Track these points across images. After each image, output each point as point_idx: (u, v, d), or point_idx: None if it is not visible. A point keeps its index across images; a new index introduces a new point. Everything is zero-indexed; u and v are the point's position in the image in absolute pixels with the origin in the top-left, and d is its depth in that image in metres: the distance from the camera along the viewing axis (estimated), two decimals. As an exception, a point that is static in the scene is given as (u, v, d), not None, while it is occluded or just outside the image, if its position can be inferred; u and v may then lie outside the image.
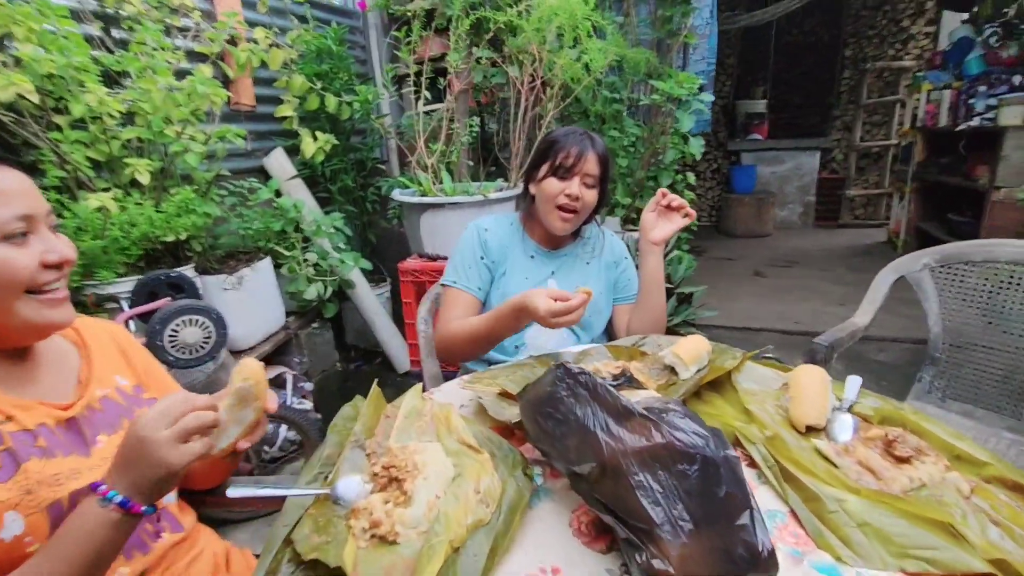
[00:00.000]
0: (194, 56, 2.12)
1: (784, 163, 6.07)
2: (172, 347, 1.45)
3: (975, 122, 3.59)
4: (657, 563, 0.58)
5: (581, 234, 1.44)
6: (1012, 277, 1.49)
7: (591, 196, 1.27)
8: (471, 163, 2.21)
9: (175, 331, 1.44)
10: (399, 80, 2.75)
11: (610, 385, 0.86)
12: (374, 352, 3.15)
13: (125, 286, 1.67)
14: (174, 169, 1.82)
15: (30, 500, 0.66)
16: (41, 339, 0.75)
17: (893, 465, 0.74)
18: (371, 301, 2.91)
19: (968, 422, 1.53)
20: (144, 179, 1.58)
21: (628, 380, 0.87)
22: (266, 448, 2.19)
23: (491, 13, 1.70)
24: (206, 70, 1.87)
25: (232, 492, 0.69)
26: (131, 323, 1.64)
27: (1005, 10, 3.30)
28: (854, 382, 0.94)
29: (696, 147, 2.29)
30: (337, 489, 0.73)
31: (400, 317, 2.70)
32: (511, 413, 0.88)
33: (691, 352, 0.99)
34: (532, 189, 1.32)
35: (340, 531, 0.67)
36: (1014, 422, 1.47)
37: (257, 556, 0.79)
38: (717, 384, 0.97)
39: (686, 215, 1.31)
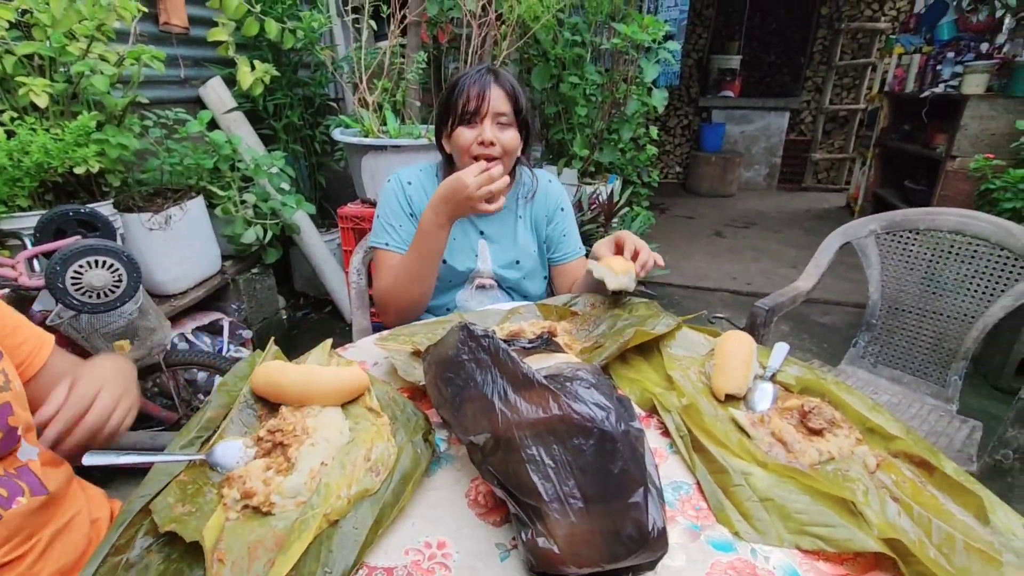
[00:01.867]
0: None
1: (753, 123, 6.02)
2: (76, 290, 1.33)
3: (940, 89, 3.58)
4: (542, 541, 0.54)
5: (512, 180, 1.33)
6: (952, 246, 1.49)
7: (509, 136, 1.14)
8: (417, 104, 2.07)
9: (78, 273, 1.32)
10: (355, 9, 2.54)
11: (526, 347, 0.82)
12: (324, 301, 3.05)
13: (27, 221, 1.53)
14: (84, 94, 1.64)
15: None
16: None
17: (805, 437, 0.72)
18: (319, 247, 2.79)
19: (896, 387, 1.56)
20: (41, 101, 1.41)
21: (546, 342, 0.82)
22: (200, 396, 2.11)
23: (437, -66, 1.54)
24: (117, -20, 1.66)
25: (88, 459, 0.61)
26: (35, 262, 1.50)
27: (980, -27, 3.23)
28: (780, 350, 0.92)
29: (659, 99, 2.20)
30: (214, 454, 0.66)
31: (348, 265, 2.59)
32: (421, 374, 0.82)
33: (622, 264, 0.99)
34: (446, 146, 1.19)
35: (209, 501, 0.61)
36: (938, 388, 1.50)
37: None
38: (644, 348, 0.94)
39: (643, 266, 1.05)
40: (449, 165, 1.25)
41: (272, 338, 0.89)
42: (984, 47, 3.46)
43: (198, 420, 0.72)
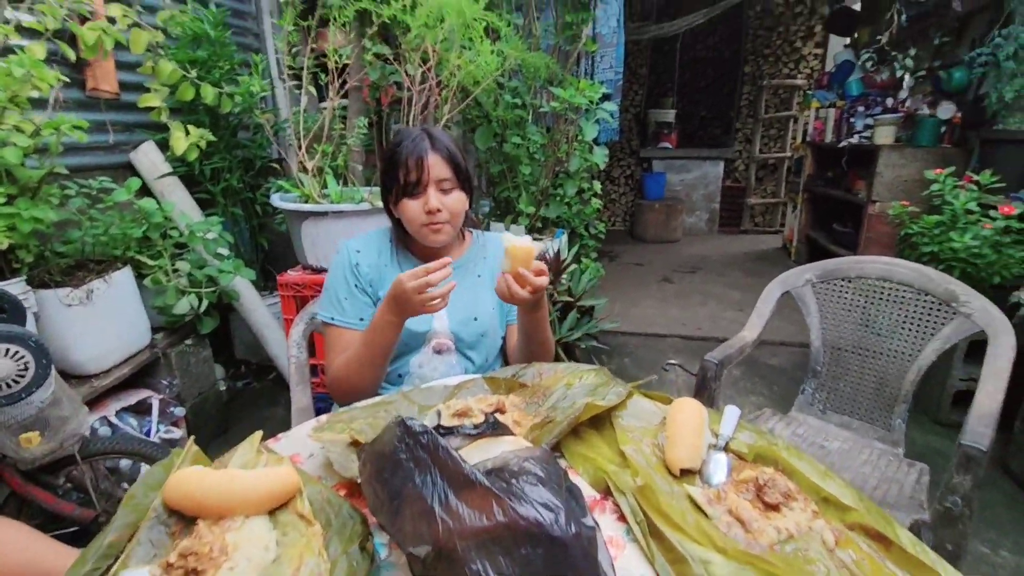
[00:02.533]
0: (35, 35, 1.82)
1: (692, 171, 6.33)
2: (-26, 383, 1.19)
3: (855, 139, 3.88)
4: (491, 673, 0.49)
5: (465, 239, 1.33)
6: (882, 292, 1.55)
7: (453, 199, 1.14)
8: (360, 167, 2.05)
9: (-24, 364, 1.19)
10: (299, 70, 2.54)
11: (471, 433, 0.77)
12: (267, 367, 2.90)
13: (-79, 306, 1.38)
14: (-7, 166, 1.53)
15: None
16: None
17: (762, 514, 0.70)
18: (261, 313, 2.66)
19: (845, 432, 1.59)
20: (-58, 177, 1.31)
21: (492, 426, 0.77)
22: (124, 485, 1.92)
23: (374, 5, 1.56)
24: (38, 49, 1.59)
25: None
26: (-72, 351, 1.35)
27: (878, 37, 3.58)
28: (731, 415, 0.90)
29: (600, 156, 2.27)
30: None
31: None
32: (353, 469, 0.76)
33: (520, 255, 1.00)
34: (394, 211, 1.20)
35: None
36: (884, 432, 1.54)
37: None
38: (596, 419, 0.90)
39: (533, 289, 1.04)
40: (399, 229, 1.24)
41: (191, 437, 0.81)
42: (889, 102, 3.79)
43: (97, 546, 0.63)
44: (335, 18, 1.60)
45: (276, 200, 1.78)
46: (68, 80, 1.63)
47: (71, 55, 1.79)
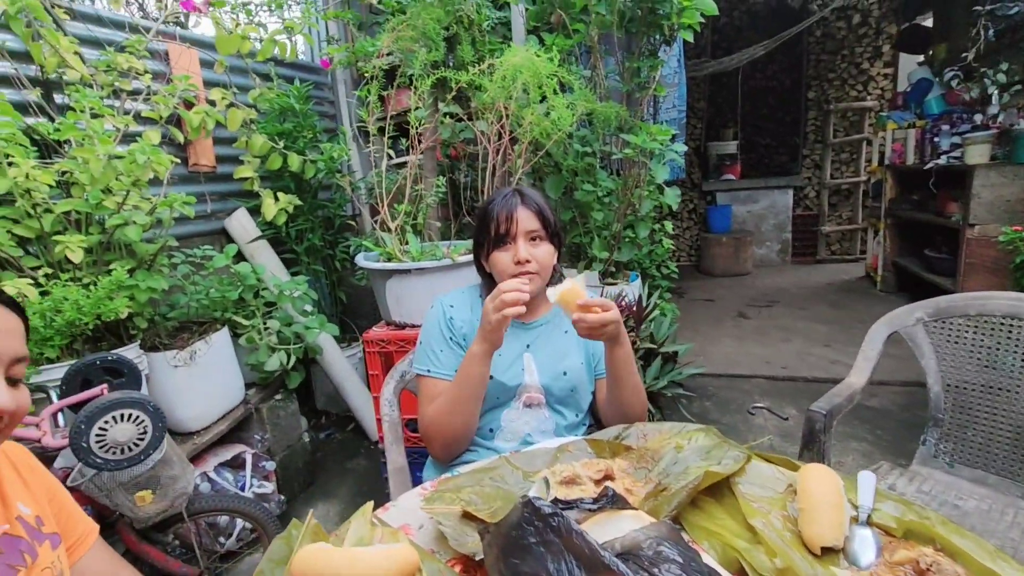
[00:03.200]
0: (149, 120, 2.03)
1: (758, 202, 6.13)
2: (100, 448, 1.28)
3: (942, 160, 3.64)
4: None
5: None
6: (1011, 332, 1.41)
7: (543, 251, 1.17)
8: (439, 223, 2.11)
9: (103, 430, 1.27)
10: (368, 135, 2.69)
11: (591, 508, 0.74)
12: (347, 418, 2.97)
13: (54, 373, 1.51)
14: (116, 242, 1.69)
15: None
16: None
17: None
18: (341, 365, 2.75)
19: (981, 490, 1.42)
20: (76, 257, 1.45)
21: (611, 500, 0.73)
22: (221, 540, 1.99)
23: (452, 73, 1.64)
24: (153, 136, 1.77)
25: None
26: (60, 416, 1.47)
27: (964, 54, 3.39)
28: (868, 481, 0.82)
29: (672, 197, 2.24)
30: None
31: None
32: (475, 543, 0.74)
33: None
34: (486, 267, 1.23)
35: None
36: (1030, 488, 1.36)
37: None
38: (715, 487, 0.85)
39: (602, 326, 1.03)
40: (491, 284, 1.26)
41: (311, 512, 0.81)
42: (978, 118, 3.55)
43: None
44: (415, 86, 1.68)
45: (361, 260, 1.85)
46: (177, 160, 1.78)
47: (180, 137, 1.97)
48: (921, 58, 4.91)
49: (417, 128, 1.69)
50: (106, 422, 1.28)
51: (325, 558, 0.67)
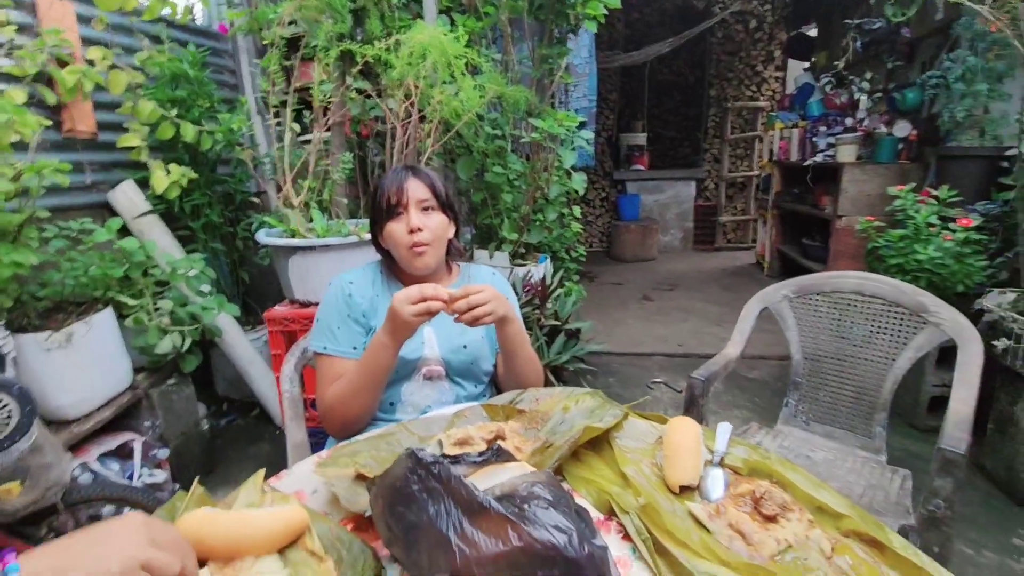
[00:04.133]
0: (13, 79, 1.81)
1: (664, 192, 6.49)
2: (-45, 435, 1.16)
3: (819, 158, 4.05)
4: None
5: (453, 273, 1.36)
6: (856, 305, 1.62)
7: (436, 220, 1.19)
8: (346, 201, 2.07)
9: (-41, 415, 1.16)
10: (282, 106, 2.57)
11: (477, 461, 0.79)
12: (250, 404, 2.85)
13: None
14: (-28, 210, 1.52)
15: None
16: None
17: (761, 526, 0.73)
18: (244, 348, 2.63)
19: (829, 442, 1.63)
20: (-78, 225, 1.29)
21: (495, 453, 0.79)
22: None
23: (358, 47, 1.61)
24: (17, 94, 1.59)
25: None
26: (-97, 404, 1.31)
27: (835, 63, 3.77)
28: (724, 431, 0.94)
29: (579, 183, 2.34)
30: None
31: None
32: (365, 502, 0.77)
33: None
34: (382, 244, 1.24)
35: None
36: (866, 440, 1.59)
37: None
38: (595, 442, 0.93)
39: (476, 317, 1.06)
40: (389, 260, 1.28)
41: (196, 479, 0.80)
42: (849, 121, 3.98)
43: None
44: (319, 58, 1.63)
45: (262, 237, 1.79)
46: (48, 123, 1.62)
47: (51, 98, 1.79)
48: (807, 64, 5.39)
49: (322, 102, 1.65)
50: (-38, 406, 1.17)
51: (210, 520, 0.67)
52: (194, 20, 2.44)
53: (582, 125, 2.50)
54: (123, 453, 2.01)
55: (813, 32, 5.56)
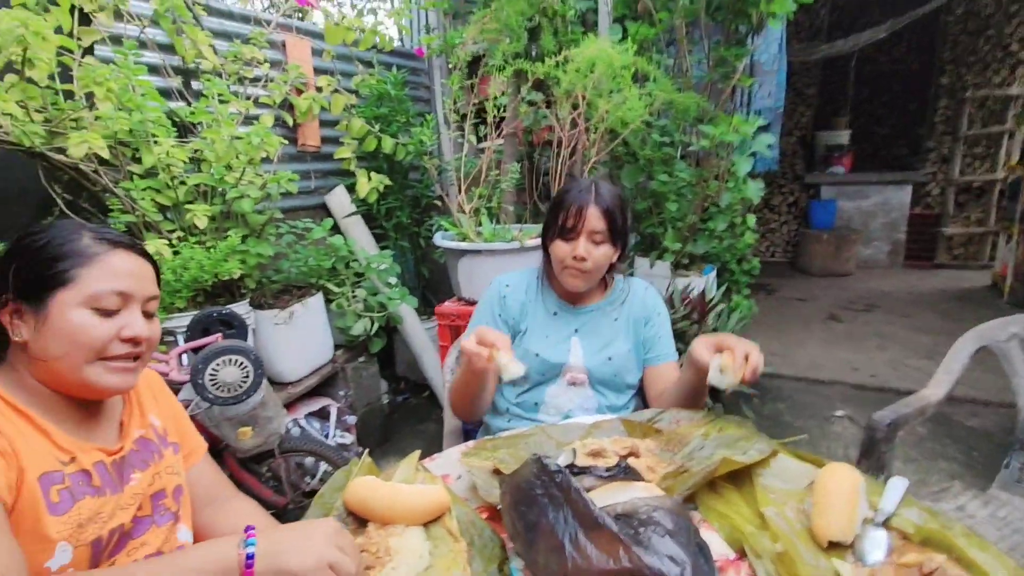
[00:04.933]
0: (266, 105, 2.29)
1: (869, 197, 5.64)
2: (212, 385, 1.52)
3: (1095, 159, 3.17)
4: None
5: (608, 287, 1.37)
6: (1123, 356, 1.27)
7: (600, 253, 1.21)
8: (513, 207, 2.21)
9: (215, 370, 1.51)
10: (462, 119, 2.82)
11: (603, 476, 0.81)
12: (423, 385, 3.19)
13: (182, 321, 1.79)
14: (234, 212, 1.95)
15: (79, 534, 0.73)
16: (96, 399, 0.81)
17: (923, 601, 0.63)
18: (420, 336, 2.95)
19: (1066, 523, 1.30)
20: (202, 223, 1.70)
21: (623, 470, 0.80)
22: (307, 479, 2.25)
23: (529, 65, 1.71)
24: (267, 119, 2.01)
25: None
26: (184, 357, 1.74)
27: None
28: (897, 487, 0.82)
29: (755, 190, 2.17)
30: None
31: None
32: (498, 496, 0.84)
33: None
34: (548, 248, 1.29)
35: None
36: (1126, 529, 1.24)
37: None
38: (736, 475, 0.88)
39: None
40: (548, 266, 1.34)
41: (366, 450, 0.96)
42: None
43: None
44: (495, 76, 1.77)
45: (438, 239, 2.00)
46: (285, 141, 2.01)
47: (290, 120, 2.21)
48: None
49: (496, 115, 1.79)
50: (218, 364, 1.52)
51: (372, 488, 0.80)
52: (394, 46, 2.78)
53: (763, 128, 2.31)
54: (322, 415, 2.41)
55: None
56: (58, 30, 1.51)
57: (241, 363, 1.56)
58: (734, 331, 2.12)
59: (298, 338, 2.21)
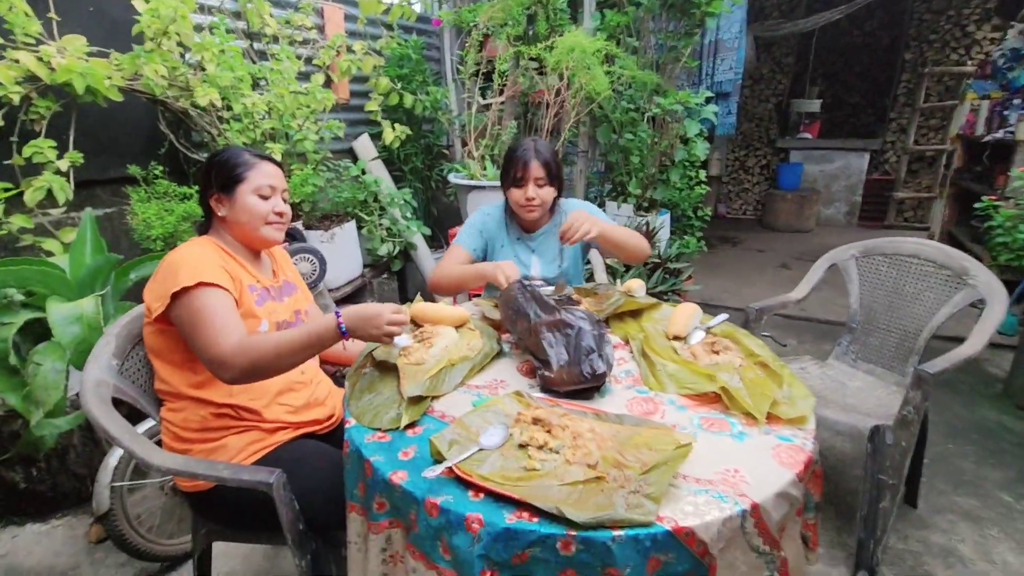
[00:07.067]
0: (308, 63, 2.82)
1: (832, 162, 6.22)
2: (292, 274, 2.15)
3: (1000, 134, 3.77)
4: (547, 375, 1.16)
5: (554, 213, 1.87)
6: (910, 267, 1.91)
7: (546, 192, 1.68)
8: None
9: (295, 263, 2.13)
10: (464, 82, 3.34)
11: (556, 298, 1.45)
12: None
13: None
14: (296, 150, 2.52)
15: (271, 317, 1.32)
16: (263, 248, 1.41)
17: (708, 355, 1.28)
18: (429, 262, 3.57)
19: (868, 377, 1.98)
20: (278, 158, 2.27)
21: (567, 299, 1.44)
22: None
23: (524, 48, 2.24)
24: (319, 78, 2.55)
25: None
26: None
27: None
28: (719, 318, 1.47)
29: (700, 149, 2.75)
30: (399, 340, 1.35)
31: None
32: (495, 315, 1.47)
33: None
34: (507, 193, 1.77)
35: (395, 355, 1.29)
36: (900, 378, 1.91)
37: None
38: (640, 315, 1.52)
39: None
40: (508, 205, 1.83)
41: (419, 292, 1.59)
42: (1050, 94, 3.62)
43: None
44: (501, 40, 2.32)
45: (452, 177, 2.58)
46: (335, 97, 2.56)
47: (335, 78, 2.75)
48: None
49: (502, 80, 2.34)
50: (297, 259, 2.13)
51: (424, 306, 1.44)
52: (423, 12, 3.27)
53: (723, 96, 2.87)
54: (354, 317, 3.04)
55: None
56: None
57: (311, 259, 2.18)
58: (671, 255, 2.76)
59: (338, 253, 2.82)
